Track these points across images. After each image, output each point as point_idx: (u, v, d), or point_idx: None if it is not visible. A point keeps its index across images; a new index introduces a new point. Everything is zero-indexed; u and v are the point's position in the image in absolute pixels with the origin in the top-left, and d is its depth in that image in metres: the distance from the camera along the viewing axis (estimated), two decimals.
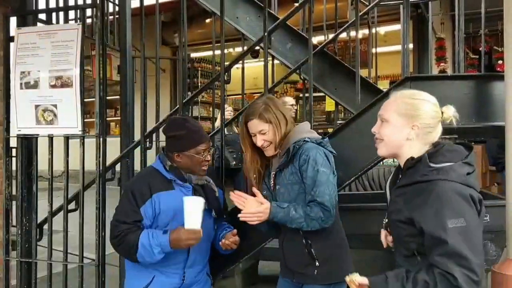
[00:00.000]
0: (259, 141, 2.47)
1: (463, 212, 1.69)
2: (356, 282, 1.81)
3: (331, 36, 4.30)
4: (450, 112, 1.91)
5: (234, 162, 5.78)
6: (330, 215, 2.33)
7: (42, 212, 3.40)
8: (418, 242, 1.79)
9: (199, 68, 11.52)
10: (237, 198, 2.39)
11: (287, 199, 2.43)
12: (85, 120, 3.19)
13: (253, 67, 10.92)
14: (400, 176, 1.97)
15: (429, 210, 1.72)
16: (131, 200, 2.49)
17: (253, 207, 2.34)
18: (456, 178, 1.74)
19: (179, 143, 2.54)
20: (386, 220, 2.06)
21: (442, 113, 1.90)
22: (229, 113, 6.70)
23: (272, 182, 2.53)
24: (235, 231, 2.63)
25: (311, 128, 2.65)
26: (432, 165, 1.79)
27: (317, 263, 2.40)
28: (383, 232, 2.15)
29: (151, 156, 3.14)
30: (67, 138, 3.21)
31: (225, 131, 3.66)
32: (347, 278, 1.84)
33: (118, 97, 5.25)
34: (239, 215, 2.38)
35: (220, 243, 2.62)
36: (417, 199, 1.77)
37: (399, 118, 1.89)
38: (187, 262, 2.58)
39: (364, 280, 1.80)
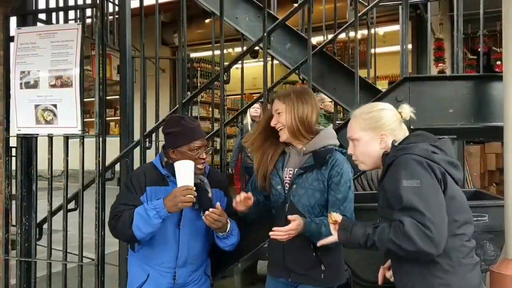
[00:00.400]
0: (273, 120, 2.47)
1: (418, 175, 1.81)
2: (333, 218, 2.01)
3: (330, 36, 4.31)
4: (407, 110, 2.07)
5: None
6: None
7: (42, 211, 3.41)
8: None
9: (199, 68, 11.52)
10: (280, 236, 2.32)
11: (304, 203, 2.39)
12: (85, 119, 3.20)
13: (252, 67, 10.95)
14: None
15: (390, 176, 1.88)
16: (130, 189, 2.55)
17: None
18: (418, 152, 1.86)
19: (174, 139, 2.57)
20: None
21: (401, 113, 2.07)
22: (255, 110, 6.66)
23: (288, 179, 2.48)
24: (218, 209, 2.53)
25: None
26: (398, 145, 1.95)
27: (322, 267, 2.40)
28: (381, 270, 2.19)
29: (151, 156, 3.14)
30: (66, 137, 3.22)
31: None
32: (329, 213, 2.05)
33: (117, 97, 5.26)
34: (270, 233, 2.30)
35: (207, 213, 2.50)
36: (388, 178, 1.92)
37: (366, 133, 2.05)
38: (178, 261, 2.56)
39: (338, 217, 2.00)
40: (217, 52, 3.58)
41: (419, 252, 1.74)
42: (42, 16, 3.45)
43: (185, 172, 2.40)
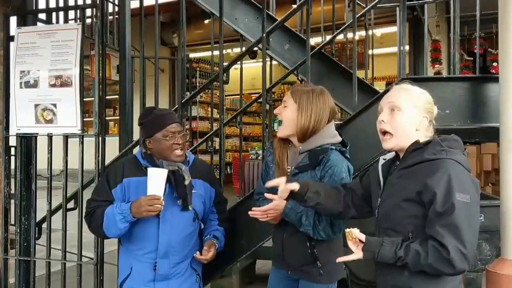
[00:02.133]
0: (277, 110, 2.47)
1: (470, 190, 1.78)
2: (353, 235, 1.88)
3: (328, 37, 4.33)
4: (436, 111, 2.01)
5: None
6: (339, 230, 2.38)
7: (41, 210, 3.41)
8: (415, 223, 1.84)
9: (198, 69, 11.55)
10: (259, 215, 2.38)
11: None
12: (84, 119, 3.21)
13: (251, 67, 10.98)
14: (398, 163, 2.01)
15: (442, 179, 1.77)
16: (104, 182, 2.61)
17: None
18: (463, 162, 1.84)
19: (147, 129, 2.58)
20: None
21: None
22: None
23: (286, 177, 2.46)
24: (207, 248, 2.58)
25: None
26: (443, 144, 1.87)
27: (318, 264, 2.41)
28: None
29: None
30: (66, 137, 3.23)
31: None
32: (347, 230, 1.90)
33: (117, 96, 5.29)
34: (249, 213, 2.35)
35: (194, 255, 2.58)
36: (426, 172, 1.82)
37: (413, 108, 1.94)
38: (158, 251, 2.54)
39: (361, 236, 1.86)
40: (216, 52, 3.59)
41: (453, 273, 1.77)
42: (42, 16, 3.46)
43: (155, 180, 2.38)
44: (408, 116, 1.93)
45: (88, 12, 3.99)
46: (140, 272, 2.56)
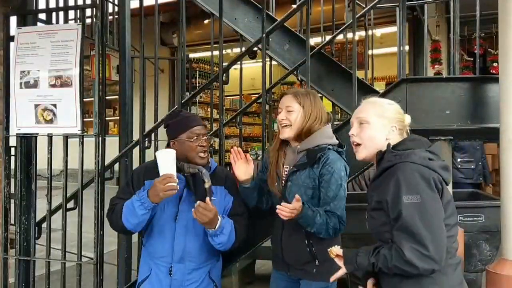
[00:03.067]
0: (281, 115, 2.50)
1: (420, 189, 1.82)
2: (334, 252, 2.05)
3: (328, 37, 4.33)
4: (408, 120, 2.10)
5: None
6: (344, 228, 2.43)
7: (41, 210, 3.42)
8: (389, 230, 1.89)
9: (197, 69, 11.56)
10: (235, 153, 2.56)
11: None
12: (84, 119, 3.21)
13: (251, 68, 10.96)
14: None
15: (390, 186, 1.87)
16: (129, 183, 2.64)
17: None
18: (417, 160, 1.89)
19: (172, 130, 2.61)
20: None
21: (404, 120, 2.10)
22: None
23: (285, 176, 2.53)
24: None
25: None
26: (395, 151, 1.96)
27: (316, 262, 2.44)
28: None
29: (150, 156, 3.16)
30: (66, 137, 3.23)
31: None
32: (328, 249, 2.08)
33: (117, 96, 5.26)
34: (277, 207, 2.32)
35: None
36: (384, 180, 1.93)
37: (380, 120, 2.05)
38: (174, 255, 2.52)
39: (339, 251, 2.03)
40: (216, 52, 3.59)
41: (423, 272, 1.81)
42: (42, 16, 3.47)
43: (165, 161, 2.39)
44: (375, 128, 2.05)
45: (88, 12, 3.99)
46: (158, 276, 2.56)
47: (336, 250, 2.05)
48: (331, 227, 2.36)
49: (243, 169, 2.60)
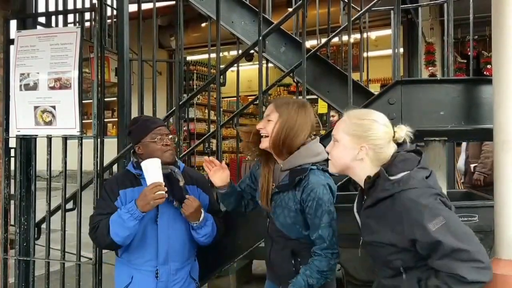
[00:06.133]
0: (260, 124, 2.38)
1: (435, 211, 1.70)
2: None
3: (324, 40, 4.37)
4: (402, 132, 1.90)
5: None
6: (337, 256, 2.29)
7: (40, 211, 3.44)
8: (403, 258, 1.79)
9: (195, 71, 11.59)
10: (208, 162, 2.52)
11: (282, 221, 2.34)
12: (83, 121, 3.24)
13: (248, 70, 10.99)
14: (365, 197, 1.93)
15: (408, 221, 1.72)
16: (105, 197, 2.61)
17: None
18: (417, 184, 1.75)
19: (135, 135, 2.63)
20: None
21: (395, 132, 1.90)
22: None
23: (270, 196, 2.41)
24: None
25: None
26: (391, 178, 1.79)
27: None
28: None
29: None
30: (65, 138, 3.25)
31: None
32: None
33: (115, 98, 5.31)
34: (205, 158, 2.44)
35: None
36: (390, 217, 1.77)
37: (348, 138, 1.89)
38: (159, 258, 2.54)
39: None
40: (213, 55, 3.63)
41: (485, 285, 1.70)
42: (42, 19, 3.50)
43: (152, 170, 2.41)
44: (342, 147, 1.90)
45: (87, 15, 4.02)
46: (141, 282, 2.55)
47: None
48: (327, 271, 2.25)
49: (219, 175, 2.55)
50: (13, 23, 3.43)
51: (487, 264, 1.67)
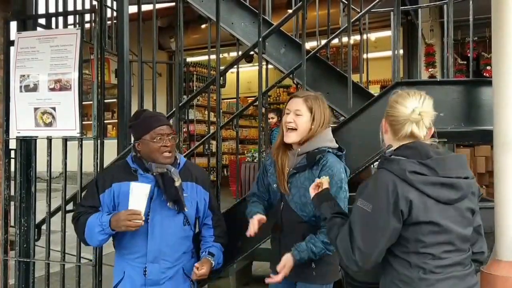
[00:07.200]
0: (289, 118, 2.46)
1: (374, 198, 1.87)
2: (320, 180, 2.26)
3: (323, 41, 4.38)
4: (427, 118, 1.99)
5: None
6: None
7: (40, 212, 3.44)
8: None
9: (195, 72, 11.60)
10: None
11: (297, 201, 2.46)
12: (83, 122, 3.24)
13: (248, 71, 11.01)
14: None
15: (360, 187, 1.97)
16: (93, 187, 2.61)
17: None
18: (396, 170, 1.87)
19: (136, 131, 2.60)
20: None
21: (420, 114, 1.97)
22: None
23: (286, 179, 2.51)
24: (200, 265, 2.55)
25: None
26: (388, 155, 1.97)
27: (313, 265, 2.44)
28: None
29: None
30: (65, 140, 3.25)
31: None
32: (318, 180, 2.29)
33: (115, 100, 5.31)
34: (266, 281, 2.44)
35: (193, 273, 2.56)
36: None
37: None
38: (148, 255, 2.53)
39: (325, 183, 2.25)
40: (213, 56, 3.63)
41: (340, 263, 2.05)
42: (42, 21, 3.50)
43: (137, 195, 2.36)
44: (381, 126, 2.13)
45: (87, 17, 4.03)
46: (131, 277, 2.56)
47: (324, 180, 2.24)
48: (328, 244, 2.34)
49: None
50: (13, 25, 3.43)
51: (358, 262, 1.89)
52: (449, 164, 1.94)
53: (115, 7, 5.36)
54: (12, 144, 3.42)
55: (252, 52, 3.69)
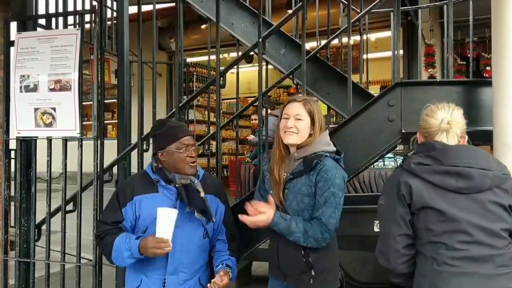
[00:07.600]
0: (289, 123, 2.44)
1: (386, 194, 2.13)
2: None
3: (323, 42, 4.38)
4: (455, 127, 2.11)
5: None
6: (329, 237, 2.36)
7: (41, 213, 3.46)
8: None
9: (195, 73, 11.62)
10: (252, 211, 2.43)
11: (295, 208, 2.42)
12: (83, 122, 3.24)
13: (248, 71, 11.02)
14: None
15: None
16: (114, 201, 2.53)
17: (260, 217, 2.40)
18: (405, 165, 2.08)
19: (160, 140, 2.55)
20: None
21: (449, 123, 2.10)
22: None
23: (282, 185, 2.48)
24: (222, 274, 2.48)
25: None
26: (409, 154, 2.17)
27: (313, 273, 2.41)
28: None
29: (148, 159, 3.19)
30: (65, 140, 3.27)
31: None
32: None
33: (115, 100, 5.30)
34: (241, 218, 2.41)
35: (209, 285, 2.46)
36: None
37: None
38: (168, 268, 2.49)
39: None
40: (213, 57, 3.63)
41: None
42: (42, 21, 3.51)
43: (164, 221, 2.32)
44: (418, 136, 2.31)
45: (87, 17, 4.03)
46: (149, 286, 2.52)
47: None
48: (311, 236, 2.33)
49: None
50: (13, 25, 3.45)
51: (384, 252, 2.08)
52: (456, 153, 2.02)
53: (115, 8, 5.35)
54: (12, 145, 3.44)
55: (252, 53, 3.68)
